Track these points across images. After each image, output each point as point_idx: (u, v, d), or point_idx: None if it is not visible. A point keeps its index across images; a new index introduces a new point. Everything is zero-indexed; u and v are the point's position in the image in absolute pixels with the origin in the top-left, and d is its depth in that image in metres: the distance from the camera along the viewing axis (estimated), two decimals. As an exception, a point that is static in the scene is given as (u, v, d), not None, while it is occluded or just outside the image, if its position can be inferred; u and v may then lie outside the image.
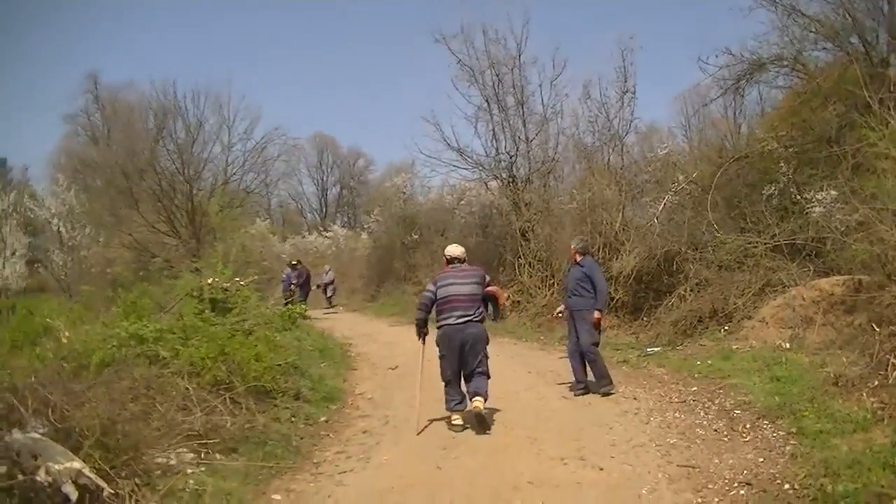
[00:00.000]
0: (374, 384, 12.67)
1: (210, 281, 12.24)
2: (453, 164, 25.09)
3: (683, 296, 15.00)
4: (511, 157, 23.89)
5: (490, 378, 9.35)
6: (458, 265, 9.48)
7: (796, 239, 14.05)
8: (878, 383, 8.16)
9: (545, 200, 22.79)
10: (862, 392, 8.11)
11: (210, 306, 11.58)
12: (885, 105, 10.86)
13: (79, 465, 5.53)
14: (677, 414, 9.28)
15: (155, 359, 8.91)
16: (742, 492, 6.30)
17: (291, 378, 10.66)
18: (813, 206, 13.98)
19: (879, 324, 9.41)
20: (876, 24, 15.34)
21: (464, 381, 9.28)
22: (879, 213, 10.10)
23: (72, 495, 5.24)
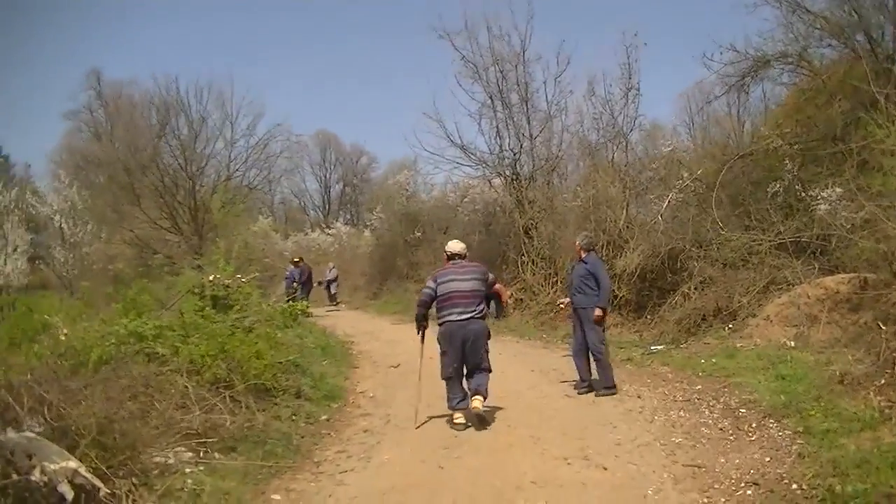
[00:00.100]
0: (376, 382, 12.60)
1: (212, 278, 12.15)
2: (457, 162, 25.09)
3: (687, 294, 14.93)
4: (515, 155, 23.81)
5: (491, 372, 9.34)
6: (459, 261, 9.44)
7: (801, 237, 13.97)
8: (885, 381, 8.10)
9: (549, 198, 22.75)
10: (869, 390, 8.04)
11: (211, 303, 11.50)
12: (893, 101, 10.76)
13: (74, 465, 5.46)
14: (682, 413, 9.19)
15: (154, 356, 8.83)
16: (749, 492, 6.21)
17: (292, 376, 10.58)
18: (818, 204, 13.89)
19: (886, 322, 9.38)
20: (882, 21, 15.26)
21: (465, 378, 9.24)
22: (886, 211, 10.02)
23: (67, 495, 5.17)
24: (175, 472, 6.58)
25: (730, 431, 8.14)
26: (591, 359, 10.76)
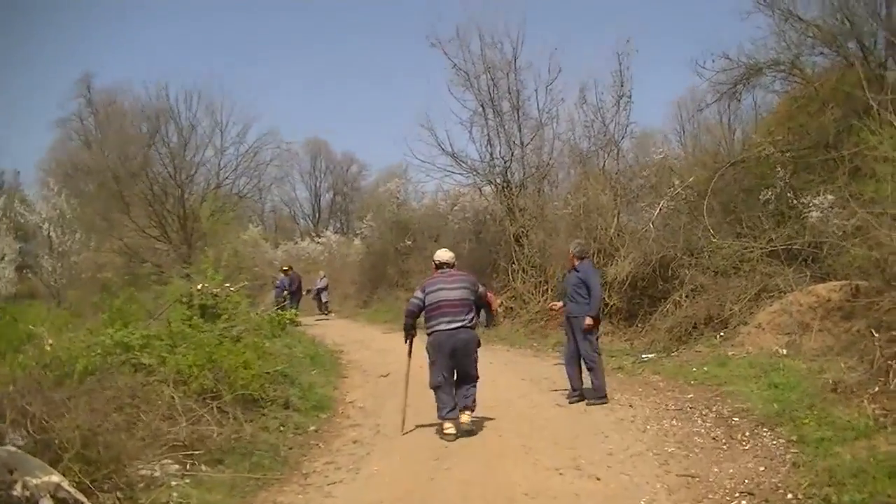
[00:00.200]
0: (366, 392, 12.52)
1: (200, 287, 12.05)
2: (447, 170, 25.02)
3: (679, 302, 14.88)
4: (506, 162, 23.75)
5: (478, 378, 9.33)
6: (448, 270, 9.43)
7: (793, 244, 13.91)
8: (879, 389, 8.05)
9: (539, 206, 22.69)
10: (862, 398, 7.99)
11: (200, 313, 11.40)
12: (886, 108, 10.71)
13: (57, 479, 5.39)
14: (674, 422, 9.13)
15: (140, 367, 8.72)
16: (744, 502, 6.14)
17: (281, 386, 10.50)
18: (810, 211, 13.84)
19: (878, 329, 9.28)
20: (874, 29, 15.26)
21: (455, 388, 9.18)
22: (878, 218, 9.96)
23: (49, 510, 5.08)
24: (161, 486, 6.50)
25: (723, 440, 8.07)
26: (584, 367, 10.68)
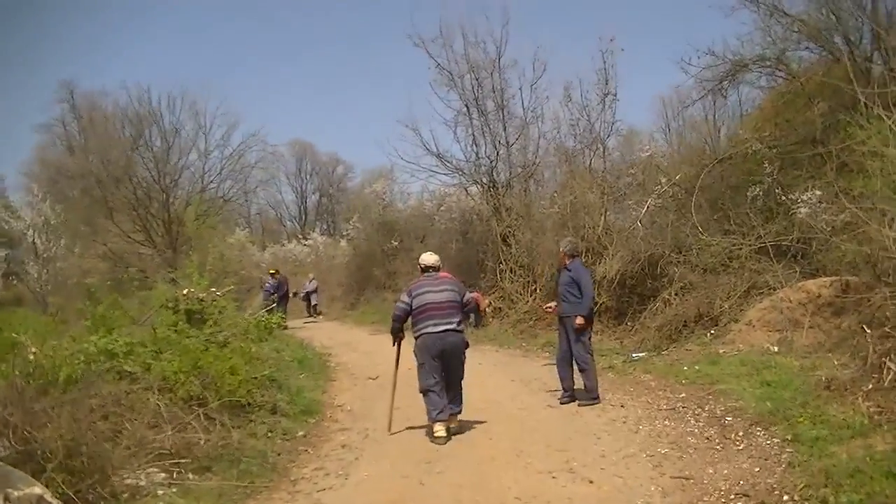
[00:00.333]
0: (354, 395, 12.42)
1: (185, 291, 11.91)
2: (433, 170, 24.81)
3: (668, 300, 14.81)
4: (491, 162, 23.63)
5: (463, 378, 9.38)
6: (433, 273, 9.47)
7: (782, 240, 13.85)
8: (873, 387, 7.96)
9: (526, 205, 22.61)
10: (857, 396, 7.90)
11: (185, 318, 11.27)
12: (874, 101, 10.65)
13: (40, 491, 5.29)
14: (667, 422, 9.03)
15: (125, 374, 8.59)
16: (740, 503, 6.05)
17: (268, 391, 10.37)
18: (798, 207, 13.78)
19: (870, 325, 9.23)
20: (860, 23, 15.21)
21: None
22: (868, 213, 9.90)
23: (31, 523, 4.96)
24: (147, 495, 6.42)
25: (717, 441, 7.98)
26: (576, 368, 10.59)
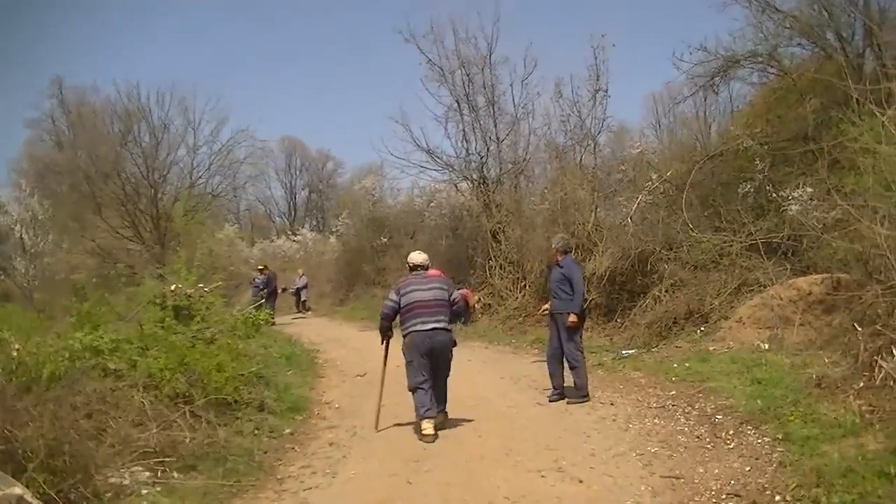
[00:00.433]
0: (342, 392, 12.33)
1: (173, 287, 11.81)
2: (423, 166, 24.81)
3: (658, 297, 14.77)
4: (481, 158, 23.61)
5: (448, 377, 9.41)
6: (422, 272, 9.47)
7: (772, 237, 13.83)
8: (864, 385, 7.90)
9: (516, 201, 22.56)
10: (848, 394, 7.85)
11: (173, 314, 11.17)
12: (866, 97, 10.60)
13: (20, 491, 5.20)
14: (657, 420, 8.97)
15: (110, 371, 8.48)
16: (731, 504, 5.99)
17: (255, 388, 10.27)
18: (789, 204, 13.75)
19: (861, 323, 9.20)
20: (852, 19, 15.17)
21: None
22: (860, 210, 9.84)
23: (11, 523, 4.88)
24: (130, 494, 6.33)
25: (707, 439, 7.92)
26: (566, 366, 10.52)
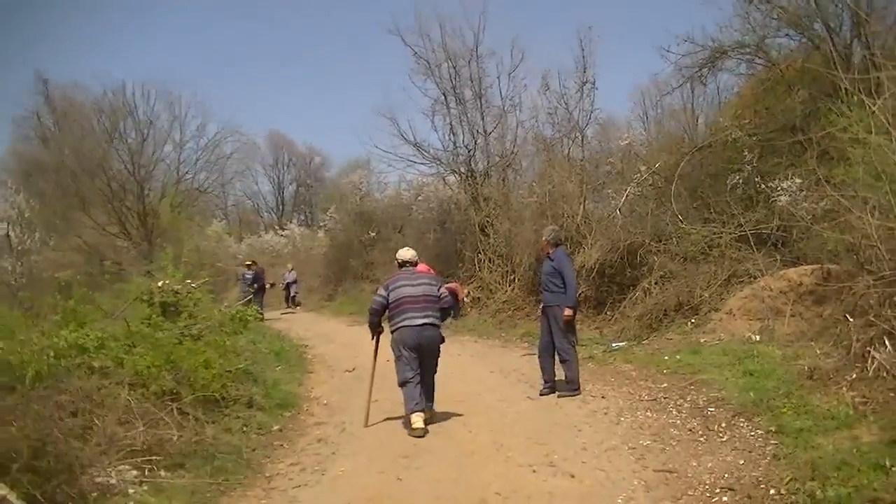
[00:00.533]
0: (331, 388, 12.24)
1: (160, 284, 11.70)
2: (410, 160, 24.87)
3: (648, 289, 14.74)
4: (469, 151, 23.60)
5: (436, 373, 9.39)
6: (410, 268, 9.46)
7: (762, 228, 13.79)
8: (857, 376, 7.85)
9: (504, 194, 22.55)
10: (840, 386, 7.81)
11: (160, 311, 11.06)
12: (856, 87, 10.54)
13: (4, 492, 5.14)
14: (649, 413, 8.91)
15: (96, 369, 8.37)
16: (725, 498, 5.92)
17: (243, 385, 10.21)
18: (778, 195, 13.69)
19: (853, 314, 9.13)
20: (839, 9, 15.10)
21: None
22: (850, 201, 9.79)
23: (-6, 526, 4.79)
24: (117, 493, 6.24)
25: (700, 432, 7.86)
26: (557, 359, 10.45)
